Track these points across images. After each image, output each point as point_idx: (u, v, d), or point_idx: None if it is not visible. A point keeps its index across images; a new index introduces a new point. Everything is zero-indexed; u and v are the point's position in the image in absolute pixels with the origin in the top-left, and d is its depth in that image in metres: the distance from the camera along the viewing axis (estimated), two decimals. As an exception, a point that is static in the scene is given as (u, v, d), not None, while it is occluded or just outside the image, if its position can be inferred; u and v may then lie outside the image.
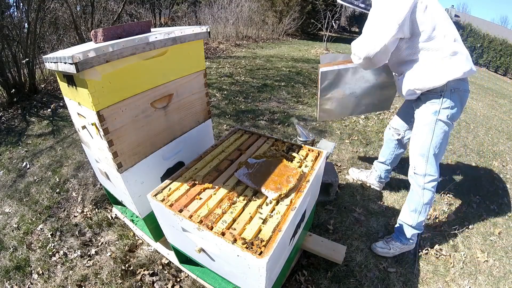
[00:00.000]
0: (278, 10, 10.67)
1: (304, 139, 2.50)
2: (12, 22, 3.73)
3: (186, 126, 1.52)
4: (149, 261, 1.61)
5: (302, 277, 1.52)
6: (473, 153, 2.98)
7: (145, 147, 1.33)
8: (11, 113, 3.48)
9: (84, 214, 1.96)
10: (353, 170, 2.35)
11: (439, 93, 1.38)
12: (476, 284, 1.57)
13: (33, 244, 1.76)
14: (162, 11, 9.57)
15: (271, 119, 3.34)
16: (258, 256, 0.86)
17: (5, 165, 2.53)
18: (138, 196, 1.37)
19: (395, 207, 2.05)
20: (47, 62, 1.19)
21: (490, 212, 2.10)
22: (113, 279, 1.52)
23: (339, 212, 1.98)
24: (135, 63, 1.15)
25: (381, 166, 2.09)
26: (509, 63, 12.68)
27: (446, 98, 1.37)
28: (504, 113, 4.75)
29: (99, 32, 1.16)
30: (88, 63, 0.97)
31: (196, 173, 1.25)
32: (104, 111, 1.10)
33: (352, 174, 2.34)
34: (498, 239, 1.86)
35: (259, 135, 1.57)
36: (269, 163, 1.26)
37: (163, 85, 1.31)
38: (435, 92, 1.39)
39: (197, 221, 1.00)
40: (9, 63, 3.65)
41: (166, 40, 1.21)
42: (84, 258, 1.64)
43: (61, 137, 2.93)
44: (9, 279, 1.55)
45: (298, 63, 6.18)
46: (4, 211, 2.02)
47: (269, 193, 1.10)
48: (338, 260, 1.53)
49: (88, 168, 2.39)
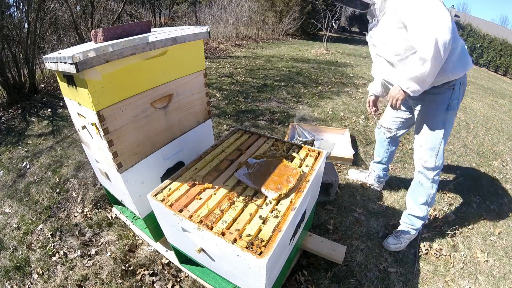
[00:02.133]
0: (278, 10, 10.66)
1: (304, 139, 2.50)
2: (12, 22, 3.73)
3: (186, 126, 1.52)
4: (149, 261, 1.61)
5: (302, 277, 1.52)
6: (473, 153, 2.98)
7: (145, 147, 1.33)
8: (11, 113, 3.48)
9: (84, 214, 1.96)
10: (352, 171, 2.36)
11: (451, 86, 1.38)
12: (476, 284, 1.57)
13: (33, 244, 1.76)
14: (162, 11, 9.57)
15: (271, 119, 3.34)
16: (258, 256, 0.86)
17: (5, 165, 2.53)
18: (138, 196, 1.37)
19: (395, 207, 2.05)
20: (47, 62, 1.19)
21: (490, 212, 2.10)
22: (113, 279, 1.52)
23: (339, 212, 1.98)
24: (135, 63, 1.15)
25: (378, 166, 2.10)
26: (509, 63, 12.66)
27: (456, 90, 1.39)
28: (504, 113, 4.74)
29: (99, 32, 1.16)
30: (88, 63, 0.97)
31: (196, 173, 1.25)
32: (104, 111, 1.10)
33: (351, 175, 2.34)
34: (498, 239, 1.86)
35: (259, 135, 1.57)
36: (269, 163, 1.26)
37: (163, 85, 1.31)
38: (447, 86, 1.39)
39: (197, 221, 1.00)
40: (9, 63, 3.65)
41: (166, 40, 1.21)
42: (84, 258, 1.64)
43: (61, 137, 2.93)
44: (9, 279, 1.55)
45: (298, 63, 6.17)
46: (4, 211, 2.02)
47: (269, 193, 1.10)
48: (338, 260, 1.53)
49: (88, 168, 2.39)
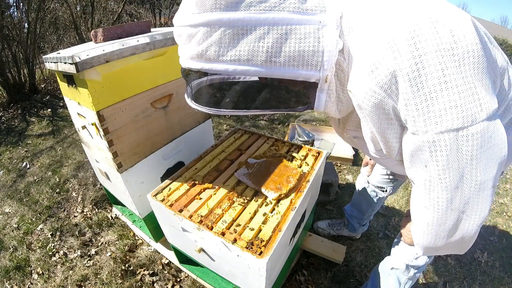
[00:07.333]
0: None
1: (304, 139, 2.50)
2: (12, 22, 3.73)
3: (186, 126, 1.52)
4: (149, 261, 1.61)
5: (302, 277, 1.52)
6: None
7: (145, 147, 1.33)
8: (11, 113, 3.48)
9: (84, 214, 1.96)
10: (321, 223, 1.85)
11: None
12: (476, 284, 1.57)
13: (33, 244, 1.76)
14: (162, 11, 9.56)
15: (271, 119, 3.34)
16: (258, 256, 0.86)
17: (5, 165, 2.53)
18: (138, 196, 1.37)
19: (395, 207, 2.05)
20: (47, 62, 1.19)
21: (490, 212, 2.10)
22: (113, 279, 1.52)
23: (339, 212, 1.98)
24: (135, 63, 1.15)
25: (356, 220, 1.67)
26: (509, 63, 12.69)
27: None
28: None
29: (99, 32, 1.16)
30: (88, 63, 0.98)
31: (196, 173, 1.25)
32: (104, 111, 1.10)
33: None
34: (498, 239, 1.86)
35: (259, 135, 1.57)
36: (269, 163, 1.26)
37: (163, 85, 1.31)
38: None
39: (197, 221, 1.00)
40: (9, 63, 3.65)
41: (166, 40, 1.22)
42: (84, 258, 1.64)
43: (61, 137, 2.93)
44: (9, 279, 1.55)
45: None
46: (4, 211, 2.02)
47: (269, 193, 1.09)
48: (338, 260, 1.53)
49: (88, 168, 2.39)
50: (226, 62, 0.57)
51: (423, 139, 0.54)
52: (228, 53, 0.56)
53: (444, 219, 0.61)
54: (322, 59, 0.58)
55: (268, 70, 0.57)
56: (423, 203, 0.62)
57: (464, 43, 0.50)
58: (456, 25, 0.50)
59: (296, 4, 0.55)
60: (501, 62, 0.62)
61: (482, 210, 0.59)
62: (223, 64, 0.57)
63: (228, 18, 0.53)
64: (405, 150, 0.61)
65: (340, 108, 0.68)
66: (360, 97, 0.59)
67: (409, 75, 0.51)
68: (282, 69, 0.57)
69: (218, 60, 0.57)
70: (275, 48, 0.55)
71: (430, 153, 0.55)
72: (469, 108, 0.50)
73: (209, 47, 0.56)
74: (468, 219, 0.59)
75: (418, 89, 0.51)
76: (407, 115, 0.55)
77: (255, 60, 0.56)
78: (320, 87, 0.62)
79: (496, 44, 0.63)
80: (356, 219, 1.64)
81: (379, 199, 1.45)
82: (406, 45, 0.51)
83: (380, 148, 0.71)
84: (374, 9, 0.58)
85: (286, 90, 0.65)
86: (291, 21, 0.54)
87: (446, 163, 0.54)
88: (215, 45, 0.56)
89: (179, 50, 0.63)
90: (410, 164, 0.62)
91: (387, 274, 1.15)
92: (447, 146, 0.53)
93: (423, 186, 0.60)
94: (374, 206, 1.50)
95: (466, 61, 0.50)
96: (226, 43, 0.55)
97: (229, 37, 0.55)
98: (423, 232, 0.66)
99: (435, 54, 0.50)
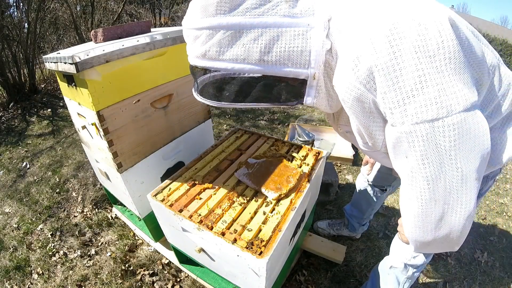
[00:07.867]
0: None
1: (304, 139, 2.50)
2: (12, 22, 3.73)
3: (186, 126, 1.52)
4: (149, 261, 1.61)
5: (302, 277, 1.52)
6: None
7: (145, 147, 1.33)
8: (11, 113, 3.48)
9: (84, 214, 1.96)
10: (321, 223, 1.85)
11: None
12: (476, 284, 1.57)
13: (33, 244, 1.76)
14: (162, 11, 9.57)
15: (271, 119, 3.34)
16: (258, 256, 0.86)
17: (5, 165, 2.53)
18: (138, 196, 1.37)
19: (395, 207, 2.05)
20: (47, 62, 1.19)
21: (490, 212, 2.10)
22: (113, 279, 1.52)
23: (339, 212, 1.98)
24: (135, 63, 1.15)
25: (356, 220, 1.67)
26: (509, 63, 12.67)
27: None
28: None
29: (99, 32, 1.16)
30: (88, 63, 0.98)
31: (196, 173, 1.25)
32: (104, 111, 1.10)
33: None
34: (498, 239, 1.86)
35: (259, 135, 1.57)
36: (269, 163, 1.26)
37: (163, 85, 1.31)
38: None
39: (197, 221, 1.00)
40: (9, 63, 3.66)
41: (166, 40, 1.22)
42: (84, 258, 1.64)
43: (61, 137, 2.93)
44: (9, 279, 1.55)
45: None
46: (4, 211, 2.02)
47: (269, 193, 1.09)
48: (338, 260, 1.53)
49: (88, 168, 2.39)
50: (226, 60, 0.63)
51: (401, 130, 0.57)
52: (227, 52, 0.62)
53: (429, 210, 0.62)
54: (309, 58, 0.63)
55: (262, 68, 0.64)
56: (408, 195, 0.64)
57: (439, 39, 0.52)
58: (432, 23, 0.53)
59: (287, 9, 0.61)
60: (491, 60, 0.64)
61: (467, 203, 0.59)
62: (223, 63, 0.64)
63: (227, 22, 0.60)
64: (388, 143, 0.63)
65: (330, 104, 0.73)
66: (342, 92, 0.63)
67: (384, 70, 0.54)
68: (274, 67, 0.63)
69: (219, 59, 0.64)
70: (267, 49, 0.61)
71: (408, 144, 0.57)
72: (444, 100, 0.52)
73: (211, 47, 0.63)
74: (453, 211, 0.60)
75: (393, 83, 0.54)
76: (385, 107, 0.57)
77: (250, 59, 0.62)
78: (309, 84, 0.67)
79: (485, 42, 0.65)
80: (356, 218, 1.64)
81: (379, 198, 1.46)
82: (384, 42, 0.54)
83: (366, 141, 0.74)
84: (360, 11, 0.62)
85: (279, 86, 0.71)
86: (282, 24, 0.61)
87: (424, 153, 0.56)
88: (216, 46, 0.62)
89: (187, 49, 0.69)
90: (394, 156, 0.63)
91: (386, 274, 1.15)
92: (423, 137, 0.55)
93: (406, 177, 0.62)
94: (374, 205, 1.50)
95: (440, 56, 0.52)
96: (225, 44, 0.62)
97: (228, 39, 0.61)
98: (411, 224, 0.68)
99: (409, 50, 0.52)
